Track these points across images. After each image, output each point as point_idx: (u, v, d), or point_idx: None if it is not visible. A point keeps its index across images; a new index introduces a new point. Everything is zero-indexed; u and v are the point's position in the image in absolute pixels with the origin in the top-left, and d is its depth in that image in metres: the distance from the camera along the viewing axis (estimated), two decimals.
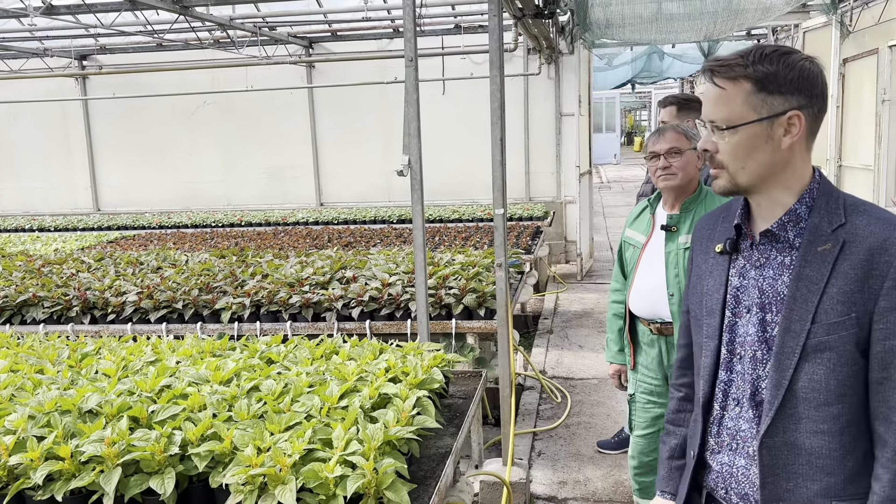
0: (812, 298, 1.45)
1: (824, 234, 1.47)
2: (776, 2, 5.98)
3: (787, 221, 1.52)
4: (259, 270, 4.78)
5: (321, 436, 2.22)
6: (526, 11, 5.11)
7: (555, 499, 3.89)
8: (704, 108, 1.54)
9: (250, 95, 10.19)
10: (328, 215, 9.04)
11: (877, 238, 1.42)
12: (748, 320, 1.56)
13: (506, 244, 3.67)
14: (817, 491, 1.49)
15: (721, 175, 1.55)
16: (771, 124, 1.48)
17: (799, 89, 1.47)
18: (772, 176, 1.52)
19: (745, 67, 1.47)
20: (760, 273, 1.56)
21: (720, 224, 1.69)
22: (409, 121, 3.47)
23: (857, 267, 1.42)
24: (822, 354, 1.44)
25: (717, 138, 1.52)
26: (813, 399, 1.46)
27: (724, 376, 1.61)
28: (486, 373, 3.28)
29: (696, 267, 1.74)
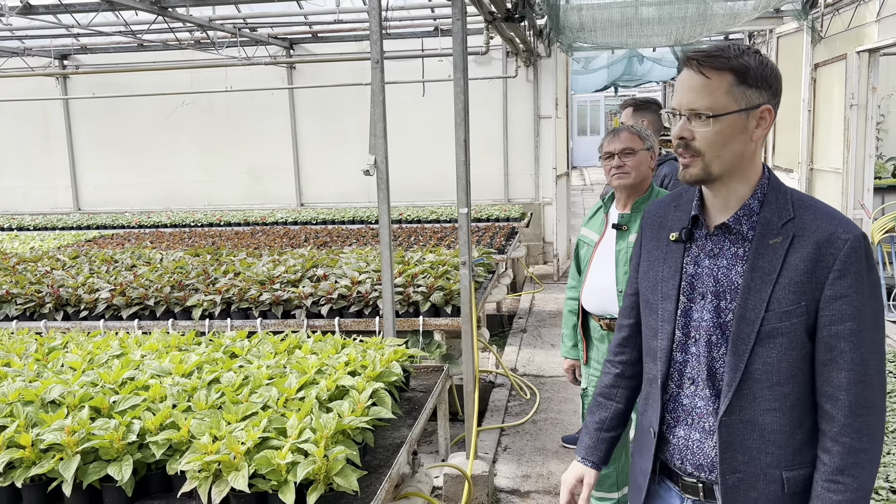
0: (765, 288, 1.56)
1: (775, 227, 1.58)
2: (744, 8, 6.11)
3: (742, 216, 1.63)
4: (231, 268, 4.84)
5: (276, 425, 2.30)
6: (497, 15, 5.20)
7: (517, 492, 3.98)
8: (684, 96, 1.58)
9: (231, 96, 10.23)
10: (307, 215, 9.11)
11: (823, 232, 1.54)
12: (703, 306, 1.66)
13: (470, 243, 3.76)
14: (769, 462, 1.62)
15: (694, 163, 1.61)
16: (747, 116, 1.57)
17: (770, 85, 1.58)
18: (738, 167, 1.61)
19: (728, 60, 1.55)
20: (714, 262, 1.66)
21: (672, 213, 1.77)
22: (375, 121, 3.55)
23: (806, 259, 1.54)
24: (775, 339, 1.57)
25: (695, 126, 1.58)
26: (766, 380, 1.58)
27: (679, 357, 1.71)
28: (447, 367, 3.37)
29: (646, 252, 1.81)
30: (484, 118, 10.40)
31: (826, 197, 8.45)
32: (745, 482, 1.63)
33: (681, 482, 1.74)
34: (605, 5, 6.36)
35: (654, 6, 6.70)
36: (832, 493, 1.56)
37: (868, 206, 7.67)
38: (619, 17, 6.62)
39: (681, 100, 1.60)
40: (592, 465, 1.92)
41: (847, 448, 1.55)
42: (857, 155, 7.67)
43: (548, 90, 10.11)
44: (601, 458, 1.92)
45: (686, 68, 1.60)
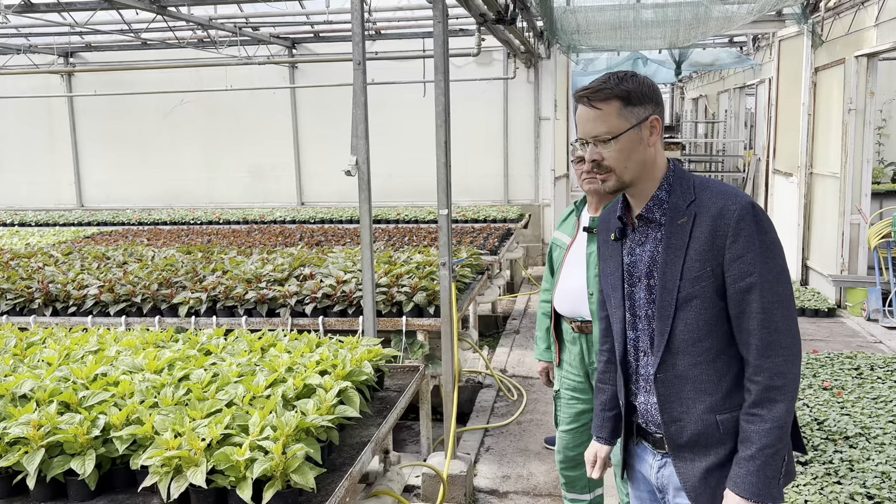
0: (678, 261, 1.85)
1: (681, 209, 1.87)
2: (738, 12, 6.10)
3: (653, 206, 1.92)
4: (220, 267, 4.88)
5: (240, 422, 2.33)
6: (488, 17, 5.22)
7: (496, 492, 4.01)
8: (586, 127, 1.88)
9: (233, 94, 10.30)
10: (305, 214, 9.15)
11: (716, 207, 1.82)
12: (640, 288, 1.96)
13: (450, 244, 3.79)
14: (703, 409, 1.88)
15: (609, 178, 1.91)
16: (640, 129, 1.87)
17: (651, 98, 1.88)
18: (644, 170, 1.90)
19: (612, 89, 1.85)
20: (643, 249, 1.95)
21: (612, 218, 2.06)
22: (356, 122, 3.58)
23: (706, 231, 1.82)
24: (691, 303, 1.85)
25: (601, 149, 1.88)
26: (689, 338, 1.86)
27: (631, 335, 2.01)
28: (423, 367, 3.39)
29: (601, 254, 2.13)
30: (485, 119, 10.43)
31: (825, 201, 8.43)
32: (685, 427, 1.90)
33: (650, 439, 2.02)
34: (601, 8, 6.37)
35: (650, 9, 6.70)
36: (749, 424, 1.81)
37: (865, 211, 7.64)
38: (615, 19, 6.63)
39: (584, 130, 1.89)
40: (603, 441, 2.20)
41: (761, 386, 1.79)
42: (854, 160, 7.64)
43: (548, 92, 10.13)
44: (609, 434, 2.19)
45: (580, 105, 1.89)
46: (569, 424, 3.09)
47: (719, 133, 16.80)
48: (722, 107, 16.70)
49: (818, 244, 8.67)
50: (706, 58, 13.35)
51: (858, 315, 7.35)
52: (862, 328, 6.90)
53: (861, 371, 5.31)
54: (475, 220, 8.81)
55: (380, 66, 10.00)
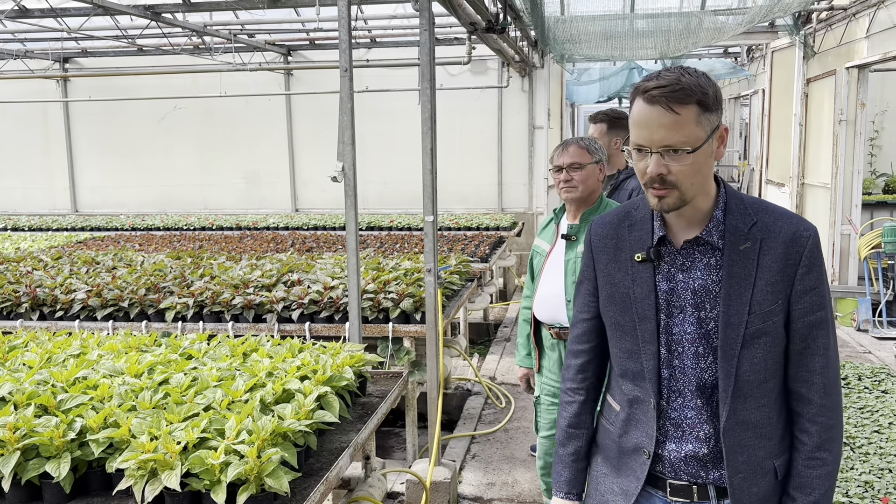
0: (745, 293, 1.64)
1: (742, 233, 1.66)
2: (728, 23, 6.14)
3: (713, 228, 1.68)
4: (208, 272, 4.89)
5: (217, 426, 2.34)
6: (478, 26, 5.25)
7: (480, 499, 4.01)
8: (655, 133, 1.57)
9: (228, 101, 10.33)
10: (299, 221, 9.17)
11: (787, 232, 1.65)
12: (683, 320, 1.70)
13: (436, 251, 3.80)
14: (763, 456, 1.70)
15: (670, 194, 1.62)
16: (712, 139, 1.62)
17: (719, 104, 1.64)
18: (704, 186, 1.66)
19: (692, 90, 1.56)
20: (688, 275, 1.70)
21: (628, 233, 1.78)
22: (343, 129, 3.60)
23: (777, 260, 1.63)
24: (760, 340, 1.65)
25: (670, 161, 1.59)
26: (755, 379, 1.66)
27: (665, 374, 1.73)
28: (406, 374, 3.40)
29: (606, 276, 1.80)
30: (479, 127, 10.47)
31: (815, 211, 8.46)
32: (748, 479, 1.70)
33: (669, 486, 1.76)
34: (593, 18, 6.40)
35: (643, 19, 6.74)
36: (812, 470, 1.68)
37: (855, 221, 7.67)
38: (607, 29, 6.66)
39: (651, 137, 1.59)
40: (577, 497, 1.92)
41: (823, 426, 1.68)
42: (845, 170, 7.68)
43: (541, 101, 10.16)
44: (582, 488, 1.93)
45: (649, 104, 1.58)
46: (549, 430, 3.10)
47: None
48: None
49: None
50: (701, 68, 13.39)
51: (848, 325, 7.36)
52: (851, 338, 6.91)
53: (849, 381, 5.32)
54: (468, 227, 8.83)
55: (376, 74, 10.05)
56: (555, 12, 6.74)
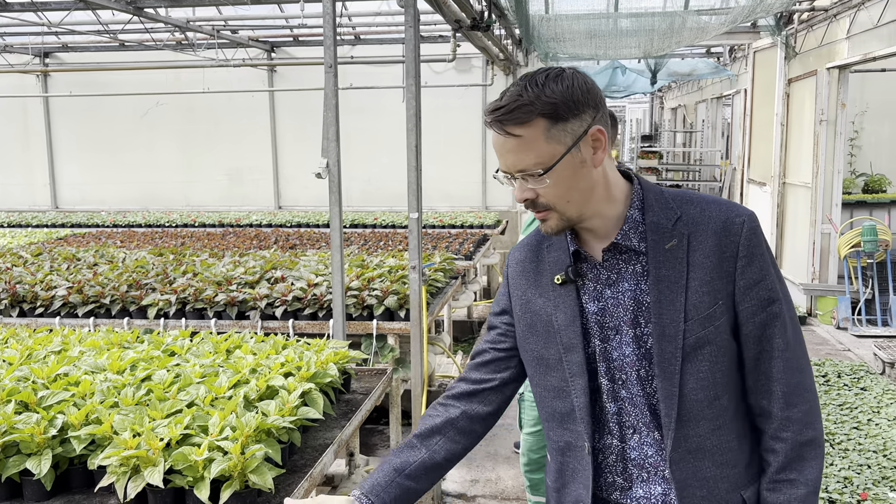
0: (677, 298, 1.41)
1: (666, 230, 1.44)
2: (711, 23, 6.18)
3: (628, 230, 1.46)
4: (191, 269, 4.86)
5: (200, 423, 2.33)
6: (463, 23, 5.25)
7: (464, 496, 4.01)
8: (506, 160, 1.42)
9: (211, 97, 10.26)
10: (282, 218, 9.14)
11: (717, 221, 1.42)
12: (619, 342, 1.47)
13: (420, 248, 3.80)
14: (727, 488, 1.46)
15: (550, 216, 1.45)
16: (578, 149, 1.40)
17: (587, 104, 1.40)
18: (596, 197, 1.45)
19: (532, 105, 1.36)
20: (618, 290, 1.47)
21: (547, 254, 1.56)
22: (327, 125, 3.59)
23: (710, 254, 1.41)
24: (703, 350, 1.41)
25: (533, 184, 1.41)
26: (704, 398, 1.42)
27: (612, 408, 1.50)
28: (391, 370, 3.39)
29: (522, 304, 1.58)
30: (464, 125, 10.48)
31: (797, 211, 8.54)
32: None
33: None
34: (576, 17, 6.43)
35: (627, 18, 6.77)
36: (778, 494, 1.44)
37: (836, 220, 7.75)
38: (592, 28, 6.69)
39: (506, 164, 1.43)
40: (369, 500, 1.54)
41: (790, 443, 1.43)
42: (825, 170, 7.76)
43: None
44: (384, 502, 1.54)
45: (492, 130, 1.42)
46: (533, 427, 3.12)
47: (697, 143, 16.97)
48: (700, 117, 16.87)
49: (790, 253, 8.78)
50: (684, 67, 13.49)
51: (828, 323, 7.44)
52: (831, 336, 6.99)
53: (828, 378, 5.38)
54: (452, 225, 8.84)
55: (360, 71, 10.02)
56: (539, 10, 6.76)
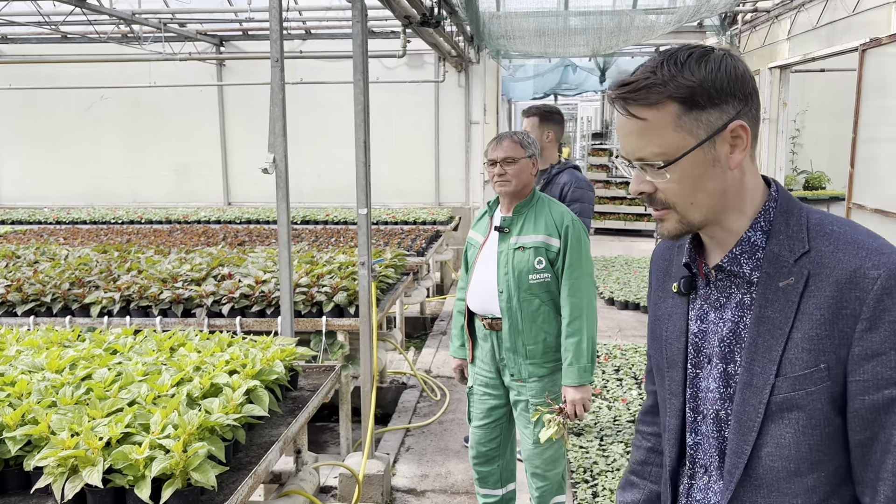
0: (776, 346, 1.20)
1: (786, 264, 1.21)
2: (658, 21, 6.29)
3: (740, 253, 1.26)
4: (135, 266, 4.77)
5: (142, 421, 2.29)
6: (413, 19, 5.25)
7: (414, 491, 4.02)
8: (625, 144, 1.24)
9: (158, 91, 10.07)
10: (231, 214, 9.02)
11: (845, 269, 1.16)
12: (709, 373, 1.32)
13: (369, 244, 3.79)
14: None
15: (668, 217, 1.26)
16: (713, 144, 1.20)
17: (732, 93, 1.19)
18: (725, 204, 1.25)
19: (664, 86, 1.18)
20: (720, 316, 1.30)
21: (675, 256, 1.42)
22: (274, 120, 3.55)
23: (824, 307, 1.16)
24: (790, 414, 1.20)
25: (651, 177, 1.23)
26: (782, 468, 1.22)
27: (690, 440, 1.36)
28: (339, 367, 3.38)
29: (653, 307, 1.47)
30: (416, 121, 10.47)
31: None
32: None
33: None
34: (526, 14, 6.47)
35: (576, 17, 6.84)
36: None
37: None
38: (541, 26, 6.74)
39: (625, 148, 1.25)
40: None
41: None
42: (768, 167, 7.96)
43: (478, 96, 10.23)
44: None
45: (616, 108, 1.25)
46: (481, 420, 3.14)
47: None
48: None
49: None
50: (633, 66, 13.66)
51: None
52: None
53: None
54: (405, 221, 8.83)
55: (311, 66, 9.93)
56: (490, 7, 6.79)
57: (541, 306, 2.91)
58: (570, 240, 2.89)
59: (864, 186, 5.37)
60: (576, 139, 33.44)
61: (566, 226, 2.91)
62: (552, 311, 2.93)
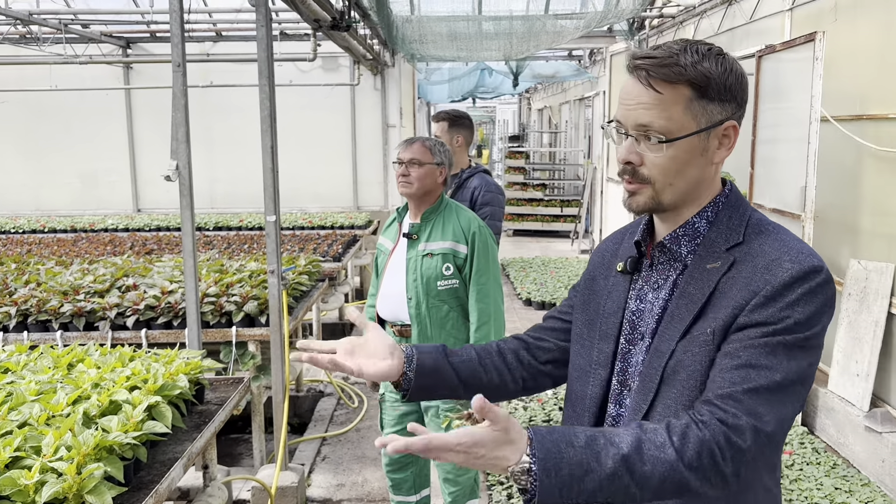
0: (687, 317, 1.29)
1: (718, 251, 1.31)
2: (567, 26, 6.42)
3: (682, 234, 1.36)
4: (34, 278, 4.56)
5: (33, 444, 2.19)
6: (323, 23, 5.19)
7: (330, 501, 3.98)
8: (631, 112, 1.29)
9: (61, 95, 9.66)
10: (140, 222, 8.74)
11: (766, 258, 1.26)
12: (639, 349, 1.38)
13: (279, 250, 3.73)
14: None
15: (642, 191, 1.33)
16: (708, 136, 1.30)
17: (734, 96, 1.30)
18: (693, 193, 1.34)
19: (685, 69, 1.26)
20: (657, 296, 1.37)
21: (625, 240, 1.51)
22: (177, 126, 3.46)
23: (736, 286, 1.26)
24: (677, 376, 1.28)
25: (644, 149, 1.30)
26: None
27: (612, 410, 1.41)
28: (248, 379, 3.31)
29: (589, 282, 1.54)
30: (333, 124, 10.37)
31: None
32: None
33: None
34: (439, 19, 6.50)
35: (489, 21, 6.91)
36: None
37: None
38: (454, 30, 6.79)
39: (627, 115, 1.30)
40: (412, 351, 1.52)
41: None
42: None
43: (394, 99, 10.21)
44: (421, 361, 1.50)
45: (631, 76, 1.31)
46: (393, 427, 3.12)
47: (561, 143, 17.56)
48: (564, 117, 17.47)
49: None
50: (547, 70, 13.93)
51: None
52: None
53: None
54: (322, 226, 8.74)
55: (223, 69, 9.71)
56: (402, 11, 6.79)
57: (449, 312, 2.92)
58: (477, 245, 2.91)
59: (764, 186, 5.60)
60: (494, 142, 33.72)
61: (473, 232, 2.93)
62: (461, 316, 2.95)
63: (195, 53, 9.73)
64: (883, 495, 3.86)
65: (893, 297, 4.26)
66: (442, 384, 1.53)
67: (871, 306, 4.38)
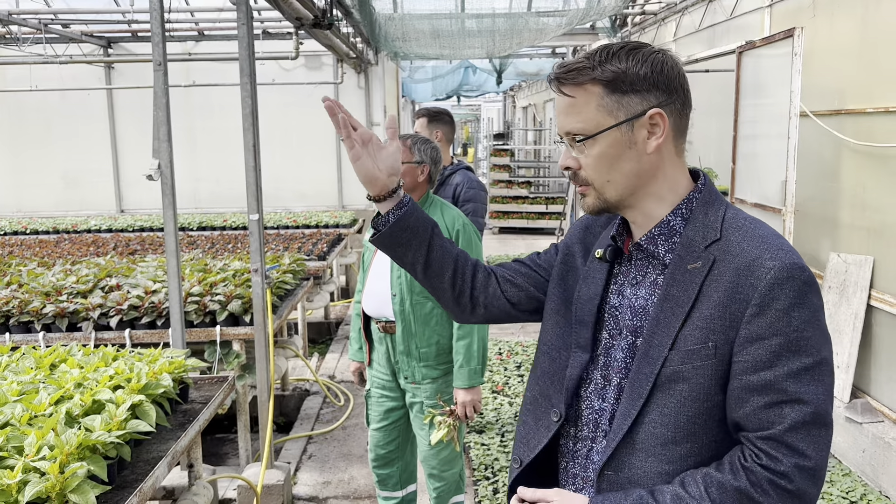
0: (675, 322, 1.30)
1: (697, 249, 1.32)
2: (549, 24, 6.44)
3: (657, 234, 1.37)
4: (16, 279, 4.54)
5: (16, 444, 2.18)
6: (305, 21, 5.19)
7: (316, 498, 3.98)
8: (560, 121, 1.37)
9: (42, 95, 9.59)
10: (124, 222, 8.69)
11: (746, 257, 1.27)
12: (620, 345, 1.40)
13: (262, 250, 3.73)
14: None
15: (588, 192, 1.38)
16: (631, 127, 1.31)
17: (655, 84, 1.31)
18: (641, 186, 1.36)
19: (591, 70, 1.30)
20: (635, 293, 1.40)
21: (609, 227, 1.52)
22: (158, 125, 3.44)
23: (722, 290, 1.27)
24: (676, 385, 1.29)
25: (576, 153, 1.36)
26: (661, 435, 1.30)
27: (596, 405, 1.42)
28: (232, 378, 3.31)
29: (567, 256, 1.56)
30: (317, 123, 10.34)
31: None
32: None
33: None
34: (422, 16, 6.50)
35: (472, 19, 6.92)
36: None
37: None
38: (437, 28, 6.79)
39: (559, 125, 1.38)
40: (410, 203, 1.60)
41: None
42: None
43: (378, 98, 10.20)
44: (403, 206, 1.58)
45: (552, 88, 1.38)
46: (379, 422, 3.14)
47: (546, 140, 17.61)
48: (548, 115, 17.51)
49: None
50: (531, 68, 13.96)
51: None
52: None
53: None
54: (307, 225, 8.72)
55: (205, 68, 9.68)
56: (385, 9, 6.79)
57: (433, 309, 2.93)
58: (461, 242, 2.92)
59: (745, 181, 5.64)
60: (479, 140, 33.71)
61: (457, 229, 2.94)
62: (445, 313, 2.96)
63: (177, 53, 9.68)
64: (864, 485, 3.91)
65: (872, 290, 4.31)
66: (411, 248, 1.59)
67: (850, 299, 4.43)
